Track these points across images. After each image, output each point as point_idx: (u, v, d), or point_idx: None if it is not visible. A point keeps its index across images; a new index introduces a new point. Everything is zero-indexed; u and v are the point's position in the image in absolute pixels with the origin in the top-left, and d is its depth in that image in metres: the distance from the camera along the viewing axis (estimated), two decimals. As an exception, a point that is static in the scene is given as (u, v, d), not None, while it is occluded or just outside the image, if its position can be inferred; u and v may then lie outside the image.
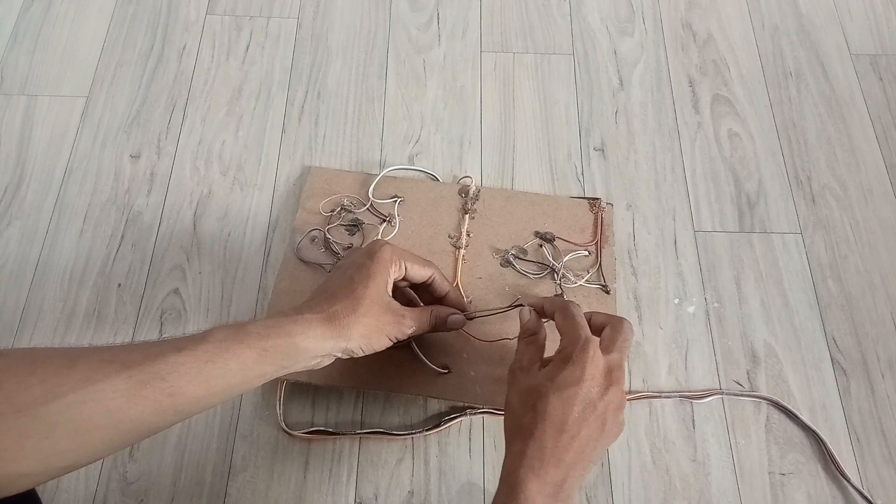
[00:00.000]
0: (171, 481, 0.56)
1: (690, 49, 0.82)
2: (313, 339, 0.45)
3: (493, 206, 0.68)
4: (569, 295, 0.63)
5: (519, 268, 0.64)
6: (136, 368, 0.38)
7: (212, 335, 0.42)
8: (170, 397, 0.40)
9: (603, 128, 0.76)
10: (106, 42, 0.80)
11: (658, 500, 0.57)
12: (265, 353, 0.43)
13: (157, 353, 0.40)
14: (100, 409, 0.37)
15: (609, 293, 0.63)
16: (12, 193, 0.70)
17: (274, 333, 0.44)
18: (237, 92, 0.77)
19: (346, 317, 0.47)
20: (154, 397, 0.39)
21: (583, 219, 0.68)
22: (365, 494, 0.56)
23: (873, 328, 0.65)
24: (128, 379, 0.38)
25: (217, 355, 0.41)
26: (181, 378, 0.40)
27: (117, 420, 0.38)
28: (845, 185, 0.72)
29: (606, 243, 0.66)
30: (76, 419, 0.37)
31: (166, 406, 0.40)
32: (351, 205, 0.68)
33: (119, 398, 0.38)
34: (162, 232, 0.68)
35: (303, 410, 0.59)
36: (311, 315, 0.46)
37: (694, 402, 0.61)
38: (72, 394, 0.36)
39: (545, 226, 0.67)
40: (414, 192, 0.69)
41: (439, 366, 0.58)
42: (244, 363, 0.43)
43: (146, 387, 0.39)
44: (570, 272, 0.64)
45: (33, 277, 0.65)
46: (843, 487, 0.57)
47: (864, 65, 0.81)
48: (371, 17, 0.83)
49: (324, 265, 0.64)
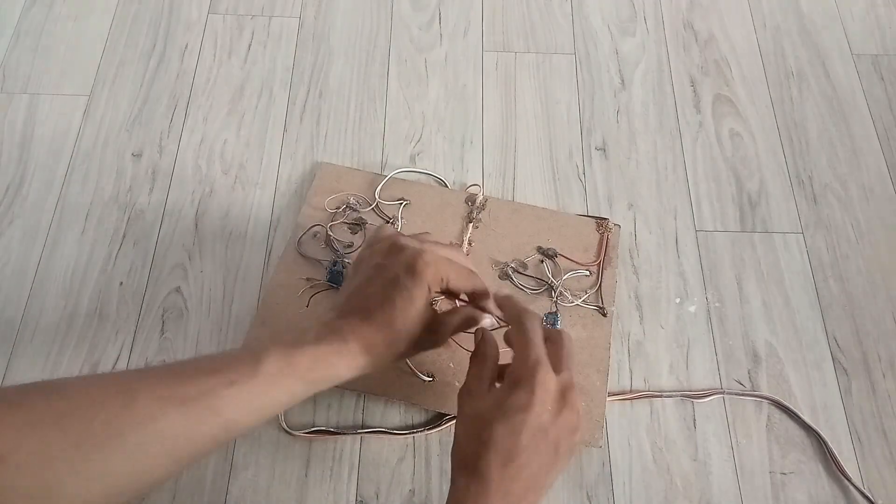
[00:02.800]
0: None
1: (692, 49, 0.82)
2: (353, 370, 0.45)
3: (499, 217, 0.67)
4: (564, 314, 0.62)
5: (517, 281, 0.64)
6: (191, 405, 0.39)
7: (263, 366, 0.42)
8: (224, 430, 0.40)
9: (604, 127, 0.76)
10: (108, 41, 0.80)
11: (659, 499, 0.57)
12: (312, 385, 0.44)
13: (211, 388, 0.40)
14: (160, 447, 0.38)
15: (606, 316, 0.62)
16: (14, 192, 0.70)
17: (322, 367, 0.44)
18: (239, 91, 0.77)
19: (385, 348, 0.46)
20: (210, 432, 0.40)
21: (588, 238, 0.67)
22: (366, 493, 0.56)
23: (875, 328, 0.65)
24: (184, 416, 0.39)
25: (269, 388, 0.42)
26: (235, 412, 0.40)
27: (176, 456, 0.39)
28: (847, 184, 0.72)
29: (609, 265, 0.65)
30: (137, 458, 0.37)
31: (221, 437, 0.41)
32: (356, 204, 0.68)
33: (177, 436, 0.38)
34: (164, 231, 0.68)
35: (304, 410, 0.59)
36: (354, 346, 0.45)
37: (695, 402, 0.61)
38: (132, 434, 0.37)
39: (549, 241, 0.66)
40: (420, 196, 0.69)
41: (425, 373, 0.58)
42: (293, 394, 0.43)
43: (203, 423, 0.39)
44: (569, 291, 0.63)
45: (35, 276, 0.65)
46: (844, 487, 0.57)
47: (865, 65, 0.81)
48: (373, 16, 0.83)
49: (322, 261, 0.64)
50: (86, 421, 0.36)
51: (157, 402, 0.38)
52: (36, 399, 0.37)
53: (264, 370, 0.42)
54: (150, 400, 0.38)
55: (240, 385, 0.41)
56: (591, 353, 0.61)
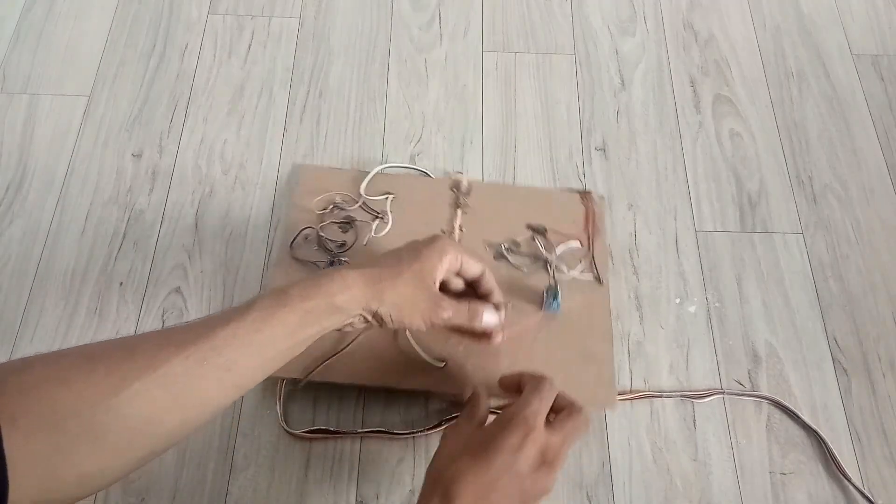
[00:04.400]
0: (172, 480, 0.56)
1: (692, 49, 0.82)
2: (350, 298, 0.45)
3: (485, 201, 0.68)
4: (562, 287, 0.63)
5: (512, 261, 0.65)
6: (191, 347, 0.39)
7: (256, 304, 0.43)
8: (227, 371, 0.40)
9: (604, 127, 0.76)
10: (108, 41, 0.80)
11: (659, 499, 0.57)
12: (308, 315, 0.44)
13: (208, 330, 0.40)
14: (166, 394, 0.38)
15: (602, 283, 0.64)
16: (14, 192, 0.70)
17: (314, 293, 0.44)
18: (239, 91, 0.77)
19: (384, 281, 0.47)
20: (214, 374, 0.40)
21: (574, 211, 0.68)
22: (366, 494, 0.56)
23: (874, 328, 0.65)
24: (186, 359, 0.39)
25: (264, 323, 0.42)
26: (235, 351, 0.41)
27: (183, 402, 0.39)
28: (847, 184, 0.72)
29: (598, 234, 0.66)
30: (146, 407, 0.37)
31: (226, 381, 0.41)
32: (343, 202, 0.68)
33: (181, 380, 0.38)
34: (164, 231, 0.68)
35: (304, 410, 0.60)
36: (350, 271, 0.46)
37: (695, 402, 0.61)
38: (137, 382, 0.37)
39: (537, 218, 0.67)
40: (406, 188, 0.69)
41: (436, 359, 0.59)
42: (289, 327, 0.43)
43: (204, 364, 0.39)
44: (564, 264, 0.65)
45: (35, 276, 0.65)
46: (844, 487, 0.57)
47: (865, 65, 0.81)
48: (373, 16, 0.83)
49: (317, 262, 0.64)
50: (87, 373, 0.36)
51: (156, 349, 0.38)
52: (38, 363, 0.37)
53: (258, 305, 0.42)
54: (149, 347, 0.39)
55: (236, 322, 0.41)
56: (594, 321, 0.62)
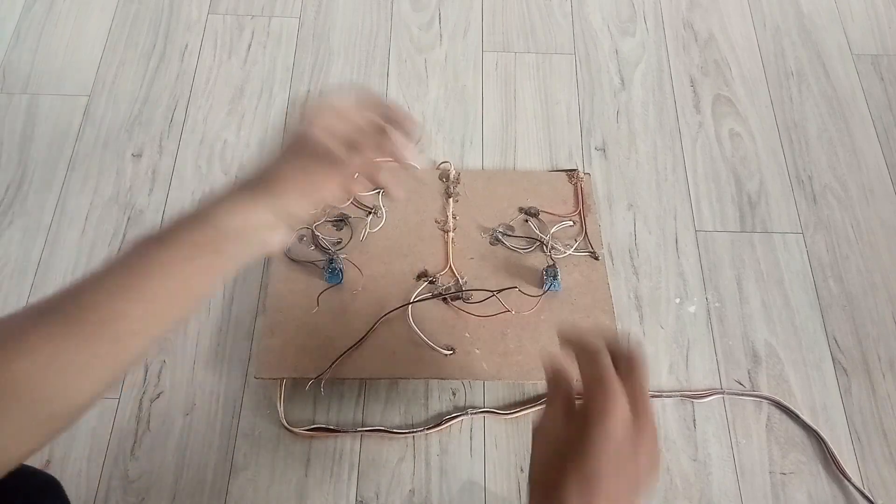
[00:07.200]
0: (172, 480, 0.56)
1: (692, 49, 0.82)
2: (241, 213, 0.40)
3: (475, 188, 0.69)
4: (560, 265, 0.63)
5: (508, 244, 0.65)
6: (165, 233, 0.39)
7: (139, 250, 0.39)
8: (214, 229, 0.39)
9: (604, 127, 0.76)
10: (108, 41, 0.80)
11: (659, 499, 0.57)
12: (196, 248, 0.39)
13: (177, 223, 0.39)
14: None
15: (598, 259, 0.65)
16: (14, 192, 0.70)
17: (199, 226, 0.39)
18: (239, 91, 0.77)
19: (270, 174, 0.43)
20: (202, 236, 0.39)
21: (563, 190, 0.69)
22: (366, 493, 0.56)
23: (874, 328, 0.65)
24: (160, 241, 0.38)
25: (215, 201, 0.40)
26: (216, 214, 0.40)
27: None
28: (846, 185, 0.72)
29: (589, 211, 0.67)
30: None
31: (211, 236, 0.39)
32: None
33: None
34: (164, 231, 0.68)
35: (304, 408, 0.60)
36: (231, 189, 0.42)
37: (695, 402, 0.61)
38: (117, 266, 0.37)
39: (528, 201, 0.68)
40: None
41: (443, 347, 0.59)
42: (175, 266, 0.38)
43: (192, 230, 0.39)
44: (559, 243, 0.65)
45: (35, 276, 0.65)
46: (843, 487, 0.57)
47: (865, 65, 0.81)
48: (373, 16, 0.83)
49: (315, 262, 0.64)
50: (71, 299, 0.34)
51: (132, 245, 0.37)
52: (25, 310, 0.35)
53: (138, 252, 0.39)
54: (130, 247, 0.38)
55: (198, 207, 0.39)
56: (594, 296, 0.63)
